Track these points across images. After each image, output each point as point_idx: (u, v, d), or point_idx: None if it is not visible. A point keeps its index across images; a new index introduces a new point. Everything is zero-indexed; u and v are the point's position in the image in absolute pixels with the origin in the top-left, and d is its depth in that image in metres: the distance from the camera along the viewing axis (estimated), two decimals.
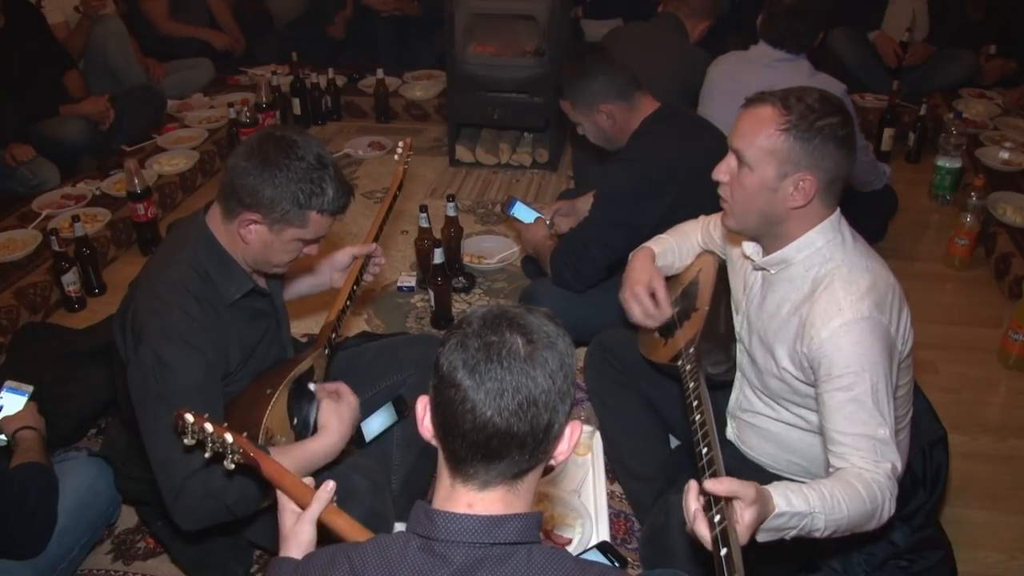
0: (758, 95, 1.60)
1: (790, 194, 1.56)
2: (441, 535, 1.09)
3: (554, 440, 1.12)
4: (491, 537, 1.08)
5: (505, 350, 1.08)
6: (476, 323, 1.12)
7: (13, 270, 3.11)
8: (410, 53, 5.11)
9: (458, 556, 1.08)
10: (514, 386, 1.06)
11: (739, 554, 1.17)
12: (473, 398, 1.07)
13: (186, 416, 1.39)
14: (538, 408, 1.07)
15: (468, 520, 1.09)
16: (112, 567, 2.10)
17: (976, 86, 4.55)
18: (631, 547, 2.09)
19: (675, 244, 2.10)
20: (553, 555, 1.10)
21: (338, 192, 1.73)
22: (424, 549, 1.09)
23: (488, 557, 1.08)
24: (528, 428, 1.07)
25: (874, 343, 1.51)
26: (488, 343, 1.08)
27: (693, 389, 1.67)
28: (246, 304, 1.84)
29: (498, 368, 1.07)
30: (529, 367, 1.07)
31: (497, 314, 1.12)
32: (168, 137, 4.20)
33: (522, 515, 1.12)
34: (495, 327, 1.10)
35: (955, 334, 2.91)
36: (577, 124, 2.62)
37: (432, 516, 1.11)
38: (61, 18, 4.18)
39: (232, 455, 1.41)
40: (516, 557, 1.08)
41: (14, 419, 2.06)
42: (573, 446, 1.16)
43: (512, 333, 1.09)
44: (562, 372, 1.10)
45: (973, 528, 2.17)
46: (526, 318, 1.12)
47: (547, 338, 1.10)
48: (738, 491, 1.26)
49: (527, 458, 1.10)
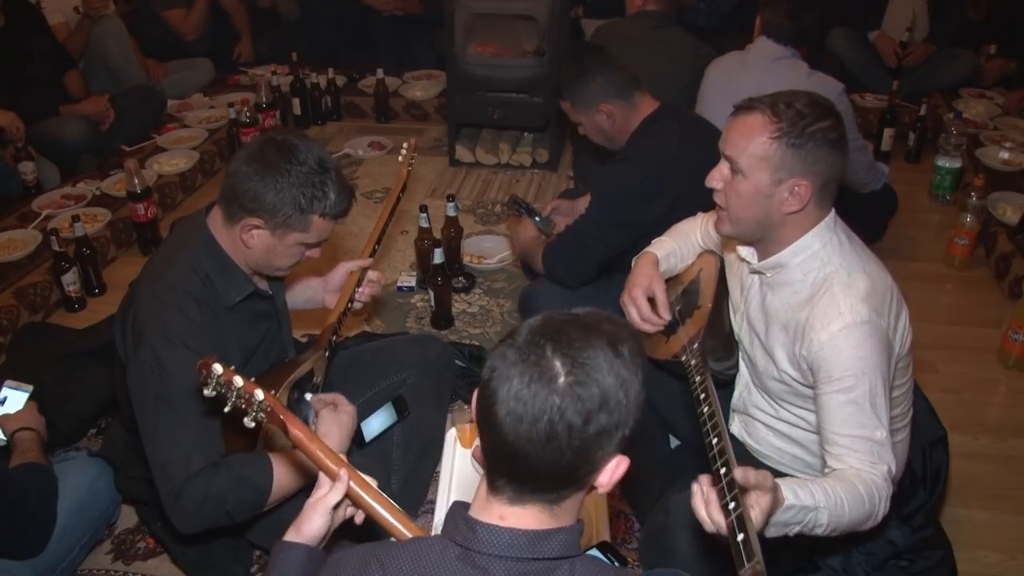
0: (746, 102, 1.60)
1: (785, 199, 1.56)
2: (483, 548, 1.05)
3: (586, 476, 1.06)
4: (534, 552, 1.05)
5: (538, 373, 1.00)
6: (524, 335, 1.04)
7: (13, 270, 3.10)
8: (410, 53, 5.11)
9: (499, 570, 1.04)
10: (533, 416, 0.99)
11: (756, 538, 1.17)
12: (497, 413, 1.01)
13: (214, 366, 1.34)
14: (559, 444, 1.00)
15: (511, 534, 1.05)
16: (112, 567, 2.10)
17: (976, 86, 4.55)
18: (631, 547, 2.09)
19: (677, 246, 2.10)
20: (598, 570, 1.08)
21: (340, 196, 1.73)
22: (463, 560, 1.05)
23: (531, 572, 1.04)
24: (548, 460, 1.01)
25: (873, 347, 1.52)
26: (525, 361, 1.01)
27: (700, 383, 1.67)
28: (247, 306, 1.84)
29: (525, 389, 1.00)
30: (558, 399, 0.99)
31: (549, 331, 1.03)
32: (168, 137, 4.20)
33: (565, 528, 1.08)
34: (537, 346, 1.02)
35: (955, 334, 2.91)
36: (578, 124, 2.62)
37: (474, 526, 1.06)
38: (61, 18, 4.18)
39: (255, 412, 1.36)
40: (559, 572, 1.05)
41: (13, 419, 2.06)
42: (614, 481, 1.08)
43: (554, 355, 1.01)
44: (605, 414, 1.01)
45: (973, 528, 2.16)
46: (580, 343, 1.02)
47: (593, 373, 1.00)
48: (762, 481, 1.26)
49: (552, 487, 1.05)
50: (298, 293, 2.18)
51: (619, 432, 1.03)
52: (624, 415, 1.03)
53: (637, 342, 1.07)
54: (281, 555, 1.26)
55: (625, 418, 1.03)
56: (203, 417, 1.66)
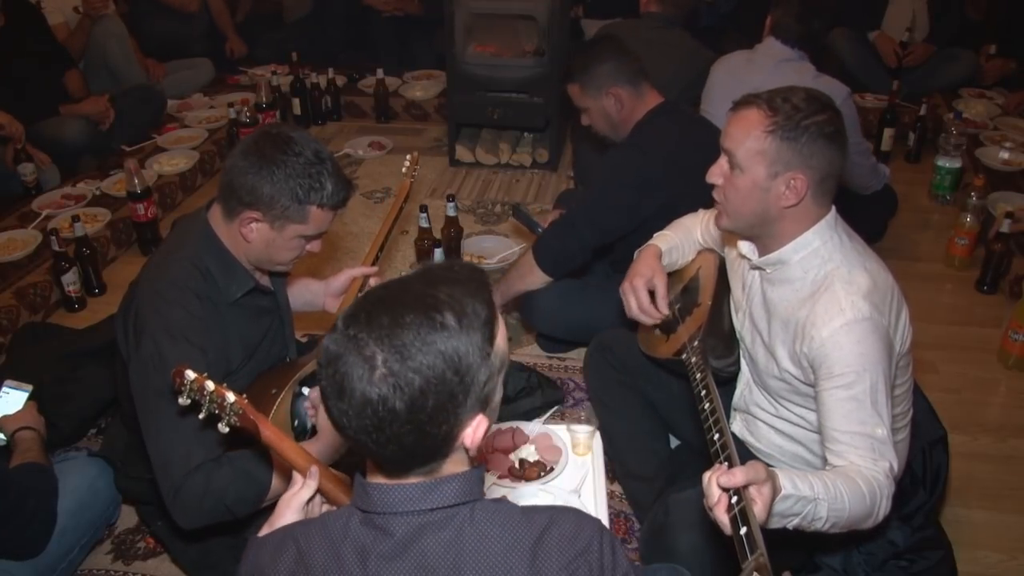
0: (744, 98, 1.62)
1: (782, 193, 1.57)
2: (378, 507, 1.05)
3: (442, 445, 1.04)
4: (428, 503, 1.05)
5: (352, 364, 0.98)
6: (340, 324, 1.02)
7: (13, 270, 3.11)
8: (410, 53, 5.12)
9: (399, 527, 1.05)
10: (357, 410, 0.99)
11: (759, 531, 1.18)
12: (329, 408, 1.02)
13: (187, 373, 1.36)
14: (391, 431, 0.99)
15: (402, 489, 1.05)
16: (112, 567, 2.10)
17: (976, 86, 4.55)
18: (631, 547, 2.09)
19: (679, 241, 2.11)
20: (497, 510, 1.08)
21: (337, 186, 1.73)
22: (365, 523, 1.07)
23: (429, 523, 1.05)
24: (393, 445, 1.00)
25: (874, 343, 1.52)
26: (342, 352, 1.00)
27: (700, 380, 1.67)
28: (249, 302, 1.84)
29: (346, 385, 0.99)
30: (376, 390, 0.98)
31: (364, 313, 1.01)
32: (168, 137, 4.20)
33: (457, 475, 1.07)
34: (350, 336, 0.99)
35: (955, 334, 2.91)
36: (583, 111, 2.62)
37: (367, 489, 1.07)
38: (61, 19, 4.18)
39: (229, 416, 1.37)
40: (458, 518, 1.05)
41: (13, 419, 2.06)
42: (477, 440, 1.06)
43: (367, 344, 0.98)
44: (429, 393, 0.98)
45: (973, 528, 2.17)
46: (391, 320, 0.99)
47: (411, 352, 0.98)
48: (752, 476, 1.26)
49: (414, 462, 1.05)
50: (297, 295, 2.18)
51: (464, 400, 1.01)
52: (461, 384, 1.00)
53: (469, 288, 1.04)
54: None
55: (466, 385, 1.01)
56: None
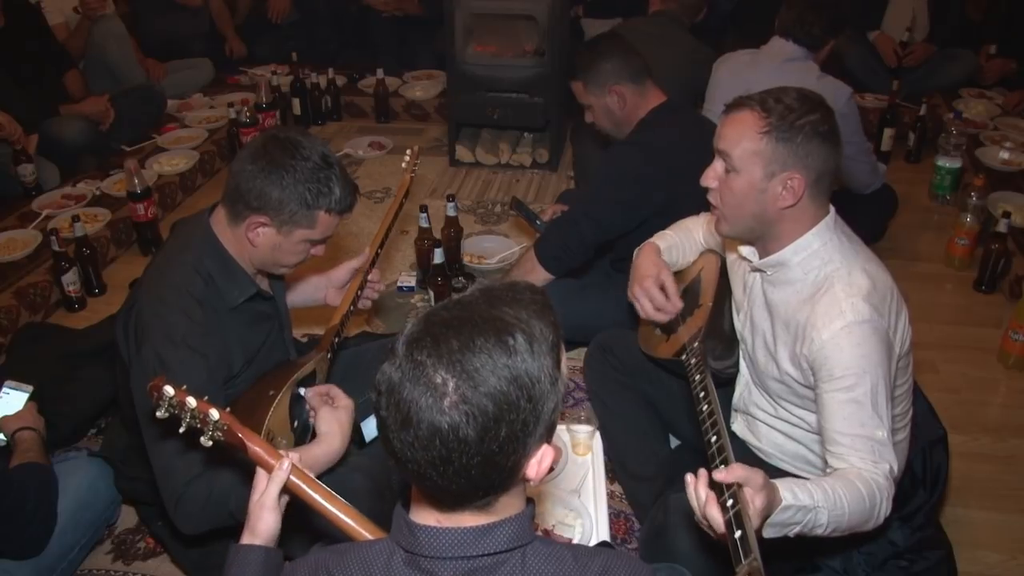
0: (736, 100, 1.62)
1: (779, 194, 1.57)
2: (425, 551, 1.01)
3: (506, 479, 1.00)
4: (478, 549, 1.01)
5: (420, 393, 0.93)
6: (402, 349, 0.96)
7: (13, 270, 3.10)
8: (410, 53, 5.11)
9: (446, 572, 1.01)
10: (425, 442, 0.93)
11: (753, 535, 1.18)
12: (390, 440, 0.97)
13: (165, 388, 1.33)
14: (460, 463, 0.94)
15: (450, 534, 1.01)
16: (112, 567, 2.10)
17: (976, 86, 4.55)
18: (631, 547, 2.09)
19: (679, 240, 2.11)
20: (549, 555, 1.04)
21: (345, 191, 1.73)
22: (410, 564, 1.03)
23: (478, 568, 1.01)
24: (459, 477, 0.96)
25: (875, 345, 1.52)
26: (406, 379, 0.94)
27: (699, 381, 1.67)
28: (249, 307, 1.84)
29: (412, 414, 0.93)
30: (446, 419, 0.92)
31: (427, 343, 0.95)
32: (168, 137, 4.20)
33: (509, 519, 1.03)
34: (415, 361, 0.94)
35: (955, 334, 2.91)
36: (586, 108, 2.62)
37: (414, 530, 1.03)
38: (61, 19, 4.18)
39: (211, 431, 1.34)
40: (509, 564, 1.02)
41: (13, 419, 2.06)
42: (543, 473, 1.03)
43: (436, 370, 0.93)
44: (502, 421, 0.93)
45: (973, 528, 2.16)
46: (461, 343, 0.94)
47: (484, 378, 0.93)
48: (748, 477, 1.26)
49: (475, 495, 1.00)
50: (300, 290, 2.18)
51: (534, 428, 0.97)
52: (533, 411, 0.96)
53: (534, 310, 1.00)
54: (238, 557, 1.24)
55: (537, 412, 0.96)
56: None
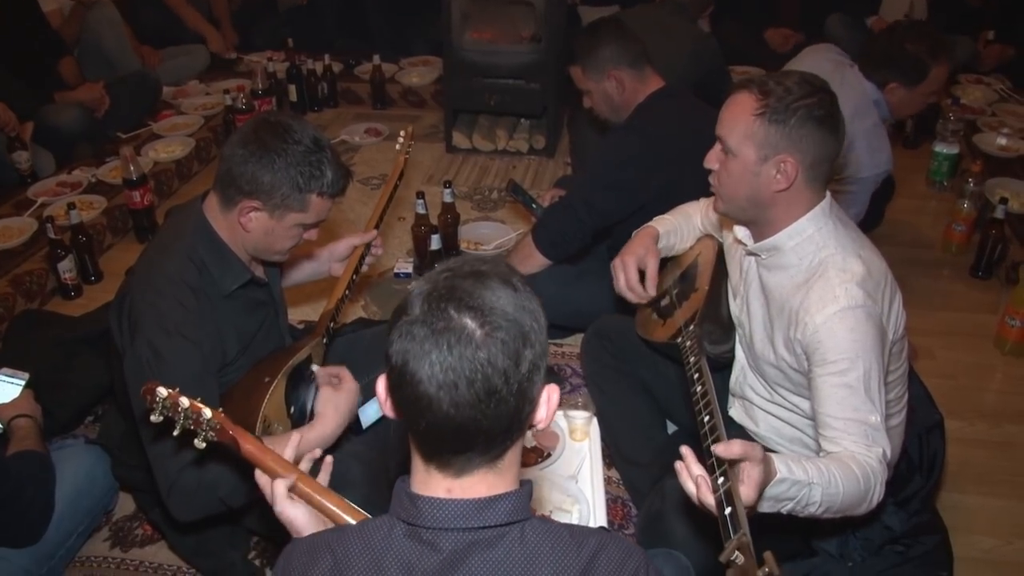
0: (739, 81, 1.63)
1: (773, 177, 1.57)
2: (427, 522, 1.04)
3: (528, 416, 1.06)
4: (481, 521, 1.04)
5: (454, 337, 0.98)
6: (419, 307, 1.01)
7: (9, 258, 3.10)
8: (406, 40, 5.09)
9: (447, 543, 1.03)
10: (468, 377, 0.98)
11: (743, 511, 1.18)
12: (427, 393, 0.99)
13: (158, 390, 1.33)
14: (501, 395, 0.99)
15: (454, 505, 1.04)
16: (110, 554, 2.10)
17: (974, 72, 4.54)
18: (628, 532, 2.10)
19: (678, 225, 2.11)
20: (547, 531, 1.07)
21: (337, 174, 1.72)
22: (410, 536, 1.05)
23: (479, 541, 1.03)
24: (493, 417, 1.00)
25: (868, 330, 1.52)
26: (436, 331, 0.99)
27: (694, 363, 1.68)
28: (244, 295, 1.83)
29: (448, 357, 0.98)
30: (484, 352, 0.98)
31: (442, 293, 1.01)
32: (164, 124, 4.19)
33: (511, 493, 1.06)
34: (440, 311, 1.00)
35: (952, 320, 2.91)
36: (585, 93, 2.61)
37: (416, 501, 1.05)
38: (55, 5, 4.15)
39: (205, 432, 1.35)
40: (508, 537, 1.04)
41: (10, 407, 2.05)
42: (553, 410, 1.09)
43: (461, 315, 0.99)
44: (529, 348, 1.01)
45: (969, 513, 2.17)
46: (477, 292, 1.01)
47: (503, 315, 1.00)
48: (748, 451, 1.26)
49: (500, 441, 1.04)
50: (302, 267, 2.18)
51: (543, 361, 1.04)
52: (543, 342, 1.04)
53: (507, 266, 1.09)
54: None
55: (544, 345, 1.04)
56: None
